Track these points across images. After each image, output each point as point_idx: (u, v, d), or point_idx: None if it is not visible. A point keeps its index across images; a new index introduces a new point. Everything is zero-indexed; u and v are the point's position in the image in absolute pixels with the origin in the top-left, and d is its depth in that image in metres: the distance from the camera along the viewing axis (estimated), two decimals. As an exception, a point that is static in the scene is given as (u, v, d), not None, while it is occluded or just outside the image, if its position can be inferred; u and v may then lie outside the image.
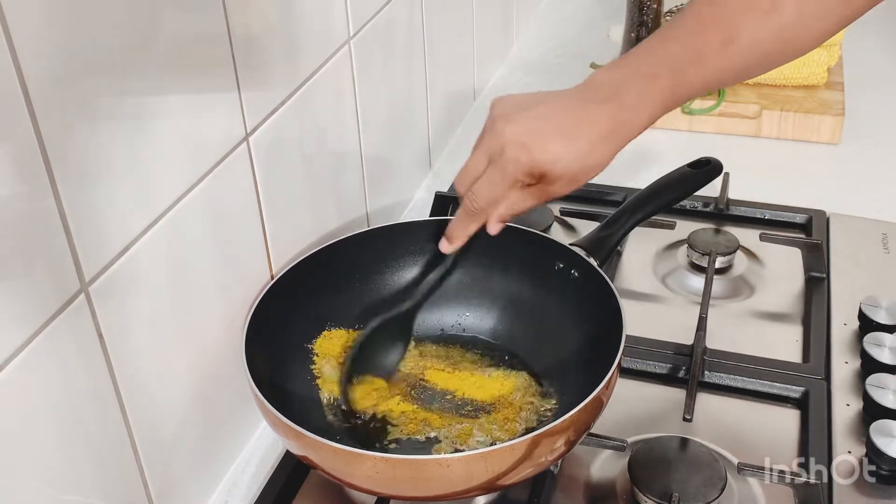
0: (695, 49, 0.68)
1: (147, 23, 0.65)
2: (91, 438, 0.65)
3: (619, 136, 0.69)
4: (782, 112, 1.28)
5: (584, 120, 0.68)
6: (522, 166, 0.69)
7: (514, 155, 0.68)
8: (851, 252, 1.05)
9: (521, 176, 0.69)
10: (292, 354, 0.86)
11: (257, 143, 0.81)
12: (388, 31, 1.06)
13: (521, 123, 0.69)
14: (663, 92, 0.68)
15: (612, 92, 0.68)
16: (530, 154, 0.68)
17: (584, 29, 1.62)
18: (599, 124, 0.68)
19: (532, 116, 0.69)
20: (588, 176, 0.70)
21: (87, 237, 0.61)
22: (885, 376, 0.84)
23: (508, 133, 0.69)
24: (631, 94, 0.68)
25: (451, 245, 0.80)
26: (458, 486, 0.70)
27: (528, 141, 0.68)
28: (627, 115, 0.68)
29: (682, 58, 0.68)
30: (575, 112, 0.69)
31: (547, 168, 0.68)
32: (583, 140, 0.68)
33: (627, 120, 0.68)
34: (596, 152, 0.68)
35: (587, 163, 0.68)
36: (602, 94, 0.68)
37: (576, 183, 0.70)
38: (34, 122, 0.55)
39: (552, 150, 0.68)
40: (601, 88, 0.69)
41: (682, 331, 0.93)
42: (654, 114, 0.69)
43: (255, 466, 0.85)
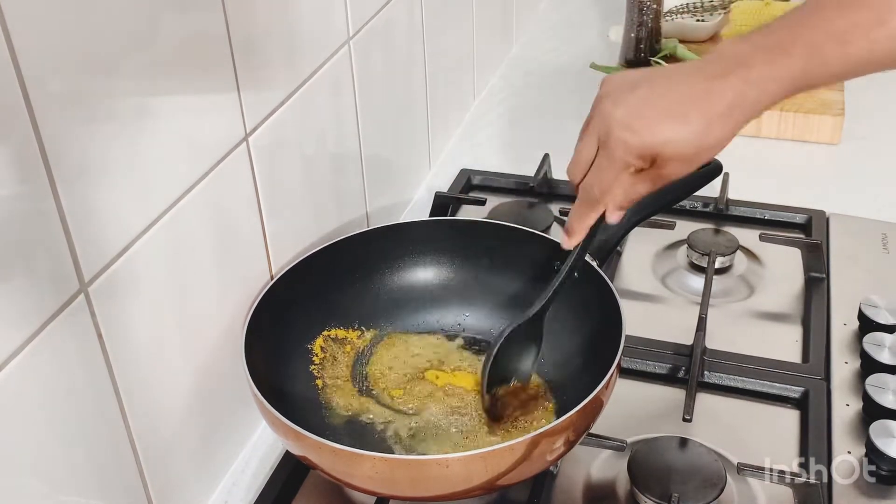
0: (838, 27, 0.61)
1: (147, 23, 0.65)
2: (91, 438, 0.65)
3: (740, 114, 0.63)
4: (782, 112, 1.28)
5: (700, 96, 0.63)
6: (631, 149, 0.64)
7: (621, 138, 0.64)
8: (851, 252, 1.05)
9: (630, 159, 0.65)
10: (292, 354, 0.86)
11: (257, 144, 0.81)
12: (388, 32, 1.06)
13: (629, 103, 0.65)
14: (794, 70, 0.62)
15: (735, 65, 0.63)
16: (639, 136, 0.64)
17: (584, 29, 1.62)
18: (717, 100, 0.63)
19: (641, 95, 0.65)
20: (706, 156, 0.65)
21: (86, 237, 0.61)
22: (885, 376, 0.84)
23: (616, 114, 0.64)
24: (757, 68, 0.62)
25: (572, 239, 0.75)
26: (458, 487, 0.70)
27: (636, 122, 0.64)
28: (751, 90, 0.63)
29: (821, 35, 0.62)
30: (690, 87, 0.64)
31: (658, 150, 0.64)
32: (697, 118, 0.63)
33: (750, 96, 0.63)
34: (713, 131, 0.63)
35: (703, 143, 0.64)
36: (723, 68, 0.63)
37: (692, 164, 0.66)
38: (34, 122, 0.55)
39: (662, 131, 0.63)
40: (723, 61, 0.64)
41: (682, 331, 0.93)
42: (781, 92, 0.63)
43: (255, 466, 0.85)
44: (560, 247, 0.88)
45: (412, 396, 0.84)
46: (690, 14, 1.50)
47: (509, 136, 1.34)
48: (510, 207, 1.13)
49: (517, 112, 1.40)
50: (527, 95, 1.44)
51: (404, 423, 0.82)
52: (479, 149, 1.32)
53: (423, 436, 0.80)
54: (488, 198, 1.14)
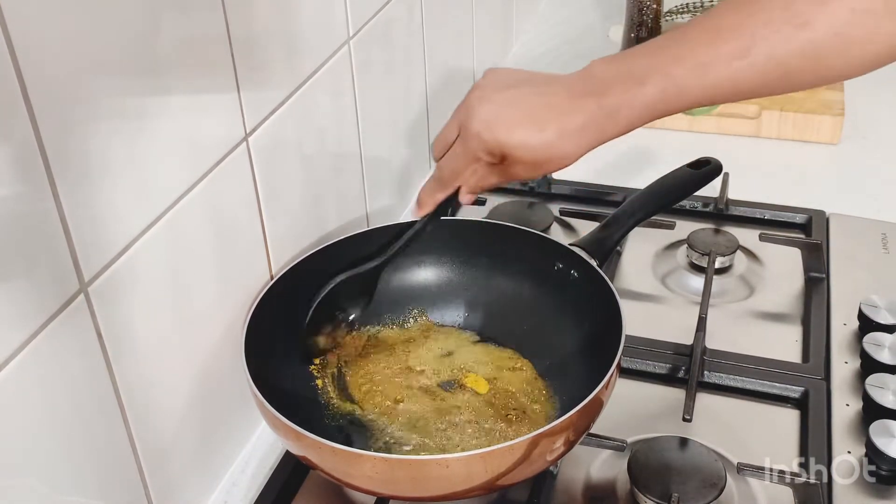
0: (702, 58, 0.64)
1: (147, 23, 0.65)
2: (90, 438, 0.65)
3: (593, 134, 0.67)
4: (782, 112, 1.28)
5: (560, 109, 0.68)
6: (483, 144, 0.70)
7: (477, 132, 0.69)
8: (851, 252, 1.05)
9: (480, 153, 0.70)
10: (292, 354, 0.86)
11: (257, 144, 0.81)
12: (388, 32, 1.06)
13: (493, 102, 0.69)
14: (648, 99, 0.65)
15: (598, 88, 0.67)
16: (493, 134, 0.69)
17: (584, 29, 1.62)
18: (574, 117, 0.67)
19: (507, 97, 0.70)
20: (552, 166, 0.69)
21: (86, 237, 0.61)
22: (885, 376, 0.84)
23: (479, 110, 0.70)
24: (616, 94, 0.66)
25: (421, 210, 0.81)
26: (458, 487, 0.70)
27: (494, 121, 0.69)
28: (606, 113, 0.66)
29: (684, 65, 0.64)
30: (553, 100, 0.68)
31: (508, 151, 0.69)
32: (551, 130, 0.67)
33: (605, 118, 0.67)
34: (564, 144, 0.67)
35: (552, 153, 0.68)
36: (588, 88, 0.67)
37: (539, 170, 0.70)
38: (34, 122, 0.55)
39: (516, 134, 0.68)
40: (589, 81, 0.68)
41: (682, 331, 0.93)
42: (636, 120, 0.67)
43: (254, 466, 0.85)
44: (561, 247, 0.88)
45: (412, 395, 0.84)
46: (690, 14, 1.50)
47: (509, 136, 1.34)
48: (510, 207, 1.13)
49: (517, 112, 1.40)
50: (527, 95, 1.44)
51: (404, 422, 0.82)
52: (479, 149, 1.31)
53: (423, 435, 0.80)
54: (488, 198, 1.14)
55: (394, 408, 0.83)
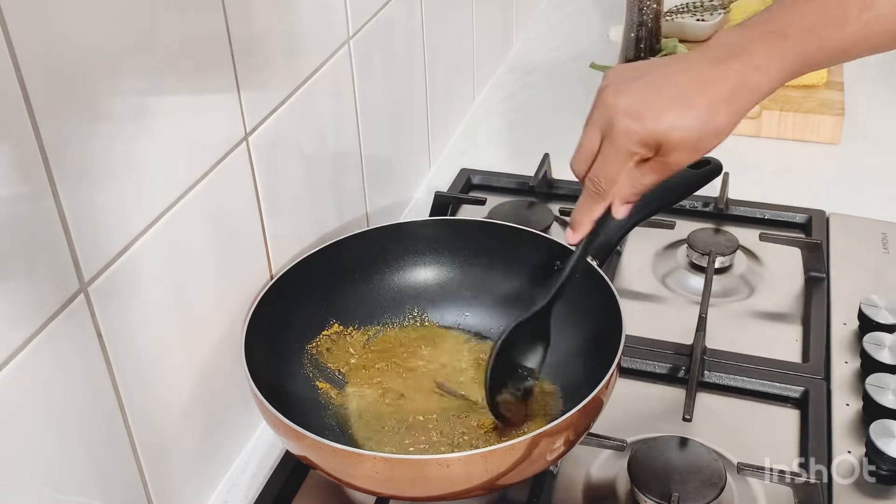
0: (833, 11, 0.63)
1: (147, 23, 0.65)
2: (91, 438, 0.65)
3: (743, 99, 0.64)
4: (782, 112, 1.28)
5: (703, 82, 0.63)
6: (635, 137, 0.64)
7: (624, 126, 0.64)
8: (851, 252, 1.05)
9: (634, 148, 0.65)
10: (292, 354, 0.86)
11: (257, 143, 0.81)
12: (388, 31, 1.06)
13: (631, 92, 0.64)
14: (795, 53, 0.63)
15: (736, 51, 0.63)
16: (642, 123, 0.63)
17: (584, 29, 1.62)
18: (720, 85, 0.63)
19: (644, 84, 0.65)
20: (711, 143, 0.65)
21: (86, 237, 0.61)
22: (885, 376, 0.84)
23: (619, 104, 0.64)
24: (758, 52, 0.63)
25: (577, 233, 0.74)
26: (458, 486, 0.70)
27: (639, 109, 0.64)
28: (753, 75, 0.63)
29: (819, 18, 0.63)
30: (692, 74, 0.64)
31: (662, 137, 0.63)
32: (700, 104, 0.63)
33: (752, 80, 0.63)
34: (717, 116, 0.63)
35: (707, 128, 0.63)
36: (725, 53, 0.64)
37: (698, 151, 0.65)
38: (33, 122, 0.55)
39: (666, 117, 0.63)
40: (724, 47, 0.64)
41: (682, 331, 0.93)
42: (782, 76, 0.64)
43: (254, 466, 0.85)
44: (560, 246, 0.88)
45: (412, 395, 0.84)
46: (690, 14, 1.50)
47: (509, 136, 1.34)
48: (510, 207, 1.13)
49: (517, 112, 1.40)
50: (527, 95, 1.44)
51: (404, 421, 0.82)
52: (479, 149, 1.32)
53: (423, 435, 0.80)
54: (488, 198, 1.14)
55: (394, 407, 0.83)
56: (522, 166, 1.22)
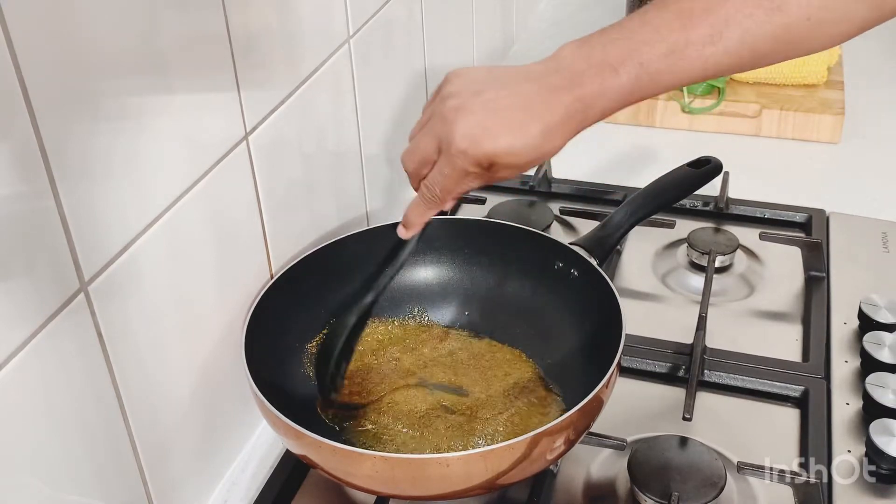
0: (673, 43, 0.64)
1: (147, 22, 0.65)
2: (91, 438, 0.65)
3: (574, 125, 0.67)
4: (782, 111, 1.28)
5: (538, 108, 0.66)
6: (471, 159, 0.68)
7: (463, 149, 0.67)
8: (851, 251, 1.05)
9: (470, 168, 0.69)
10: (292, 354, 0.86)
11: (257, 143, 0.81)
12: (388, 30, 1.06)
13: (472, 112, 0.67)
14: (627, 85, 0.65)
15: (572, 80, 0.66)
16: (480, 147, 0.67)
17: (583, 28, 1.61)
18: (554, 112, 0.66)
19: (483, 105, 0.68)
20: (538, 163, 0.69)
21: (86, 236, 0.61)
22: (885, 375, 0.84)
23: (459, 124, 0.67)
24: (591, 85, 0.66)
25: (409, 231, 0.80)
26: (458, 486, 0.70)
27: (478, 133, 0.67)
28: (583, 105, 0.66)
29: (656, 51, 0.64)
30: (529, 99, 0.67)
31: (495, 158, 0.67)
32: (535, 129, 0.66)
33: (583, 110, 0.66)
34: (548, 141, 0.67)
35: (538, 152, 0.67)
36: (560, 82, 0.67)
37: (523, 169, 0.70)
38: (34, 121, 0.55)
39: (501, 141, 0.67)
40: (562, 73, 0.67)
41: (682, 330, 0.93)
42: (613, 106, 0.67)
43: (254, 466, 0.85)
44: (561, 246, 0.88)
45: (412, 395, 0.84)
46: (690, 13, 1.49)
47: (509, 135, 1.34)
48: (510, 207, 1.13)
49: (517, 111, 1.40)
50: (527, 95, 1.44)
51: (404, 421, 0.82)
52: (479, 148, 1.31)
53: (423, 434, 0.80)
54: (488, 197, 1.14)
55: (394, 407, 0.83)
56: (522, 166, 1.21)
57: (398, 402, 0.84)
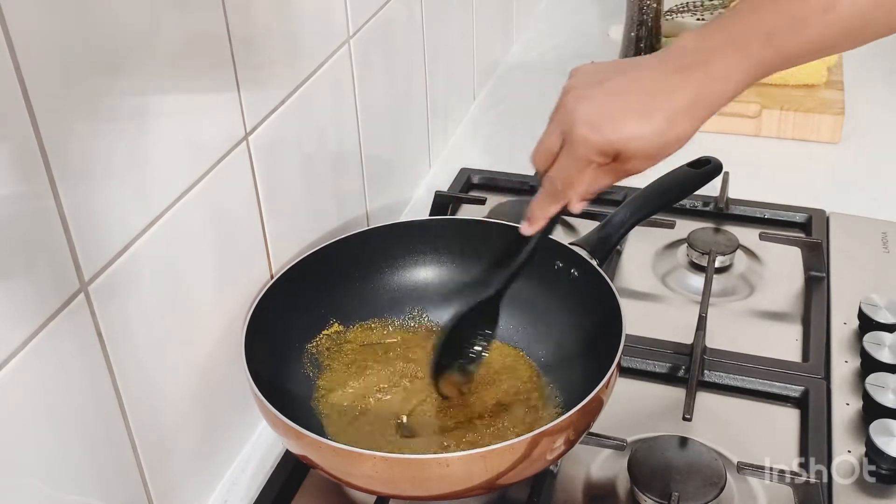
0: (794, 14, 0.62)
1: (147, 23, 0.65)
2: (91, 438, 0.65)
3: (703, 108, 0.64)
4: (782, 111, 1.28)
5: (663, 92, 0.64)
6: (593, 146, 0.65)
7: (584, 135, 0.65)
8: (851, 251, 1.05)
9: (593, 156, 0.66)
10: (292, 354, 0.86)
11: (257, 143, 0.81)
12: (388, 31, 1.06)
13: (592, 100, 0.65)
14: (756, 60, 0.64)
15: (698, 60, 0.64)
16: (601, 134, 0.64)
17: (584, 28, 1.62)
18: (680, 95, 0.64)
19: (605, 92, 0.65)
20: (670, 151, 0.66)
21: (86, 236, 0.61)
22: (885, 375, 0.84)
23: (579, 111, 0.65)
24: (721, 62, 0.63)
25: (532, 227, 0.77)
26: (458, 486, 0.70)
27: (599, 120, 0.65)
28: (714, 85, 0.64)
29: (780, 23, 0.63)
30: (653, 83, 0.65)
31: (621, 147, 0.65)
32: (660, 115, 0.64)
33: (714, 90, 0.64)
34: (675, 126, 0.64)
35: (666, 139, 0.65)
36: (686, 62, 0.64)
37: (656, 160, 0.66)
38: (34, 121, 0.55)
39: (626, 128, 0.64)
40: (685, 56, 0.64)
41: (682, 330, 0.93)
42: (743, 83, 0.65)
43: (254, 466, 0.85)
44: (561, 246, 0.88)
45: (412, 395, 0.84)
46: (690, 13, 1.50)
47: (509, 135, 1.34)
48: (510, 207, 1.13)
49: (517, 111, 1.40)
50: (527, 95, 1.44)
51: (404, 421, 0.82)
52: (479, 148, 1.32)
53: (423, 435, 0.80)
54: (488, 197, 1.14)
55: (394, 407, 0.83)
56: (522, 166, 1.21)
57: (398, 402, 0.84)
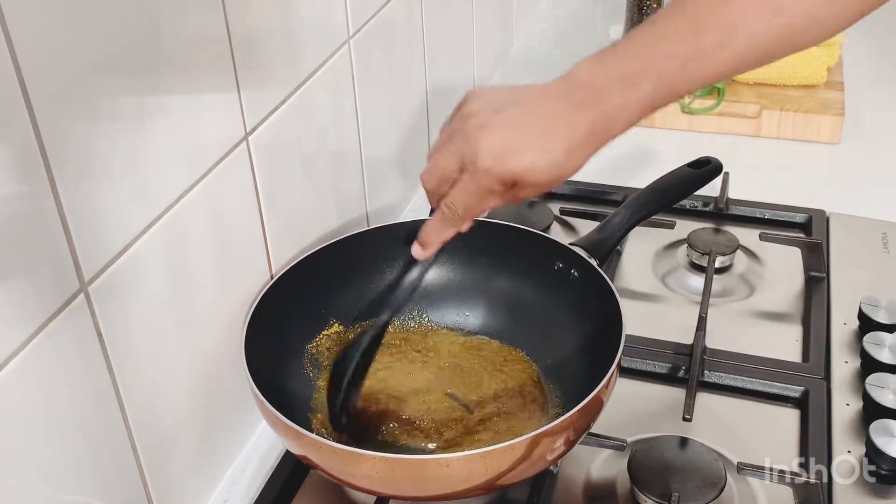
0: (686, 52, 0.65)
1: (147, 22, 0.65)
2: (91, 438, 0.65)
3: (597, 141, 0.67)
4: (782, 112, 1.28)
5: (561, 126, 0.67)
6: (496, 177, 0.67)
7: (487, 166, 0.67)
8: (851, 252, 1.05)
9: (494, 186, 0.68)
10: (292, 354, 0.86)
11: (257, 143, 0.81)
12: (388, 31, 1.06)
13: (495, 131, 0.67)
14: (643, 100, 0.66)
15: (592, 97, 0.66)
16: (504, 165, 0.67)
17: (583, 28, 1.62)
18: (577, 130, 0.66)
19: (507, 120, 0.67)
20: (562, 180, 0.69)
21: (86, 237, 0.61)
22: (885, 376, 0.84)
23: (483, 142, 0.67)
24: (613, 100, 0.66)
25: (426, 251, 0.77)
26: (458, 486, 0.70)
27: (503, 152, 0.67)
28: (607, 120, 0.66)
29: (671, 62, 0.65)
30: (552, 118, 0.67)
31: (519, 177, 0.67)
32: (559, 148, 0.66)
33: (607, 126, 0.66)
34: (572, 159, 0.67)
35: (563, 170, 0.67)
36: (582, 98, 0.67)
37: (548, 187, 0.69)
38: (34, 121, 0.55)
39: (527, 160, 0.66)
40: (581, 91, 0.67)
41: (682, 330, 0.93)
42: (634, 119, 0.67)
43: (254, 466, 0.85)
44: (561, 246, 0.88)
45: (412, 395, 0.84)
46: (690, 14, 1.49)
47: (509, 135, 1.34)
48: (510, 207, 1.12)
49: (517, 112, 1.40)
50: (527, 95, 1.44)
51: (404, 421, 0.82)
52: (479, 148, 1.31)
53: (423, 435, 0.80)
54: (488, 197, 1.13)
55: (394, 407, 0.83)
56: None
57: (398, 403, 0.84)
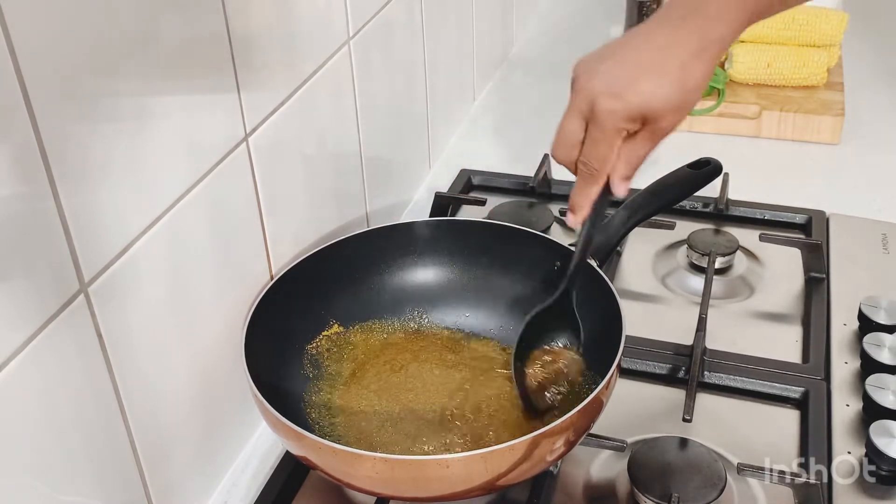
0: None
1: (147, 23, 0.65)
2: (91, 439, 0.65)
3: (711, 50, 0.65)
4: (782, 112, 1.28)
5: (669, 45, 0.65)
6: (620, 114, 0.65)
7: (608, 106, 0.65)
8: (851, 252, 1.05)
9: (621, 124, 0.66)
10: (292, 354, 0.86)
11: (257, 144, 0.81)
12: (388, 32, 1.06)
13: (604, 73, 0.66)
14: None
15: (692, 7, 0.65)
16: (623, 100, 0.65)
17: (584, 29, 1.62)
18: (686, 44, 0.64)
19: (613, 63, 0.66)
20: (691, 101, 0.66)
21: (86, 237, 0.61)
22: (885, 376, 0.84)
23: (595, 86, 0.65)
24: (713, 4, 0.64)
25: (577, 216, 0.74)
26: (458, 487, 0.70)
27: (618, 87, 0.65)
28: (713, 26, 0.64)
29: None
30: (657, 40, 0.65)
31: (645, 108, 0.65)
32: (672, 66, 0.64)
33: (714, 32, 0.65)
34: (691, 74, 0.65)
35: (686, 87, 0.65)
36: (682, 13, 0.65)
37: (681, 112, 0.66)
38: (33, 122, 0.55)
39: (643, 87, 0.64)
40: (678, 7, 0.65)
41: (682, 331, 0.93)
42: (741, 21, 0.65)
43: (254, 466, 0.85)
44: (561, 246, 0.88)
45: (412, 396, 0.84)
46: (690, 14, 1.49)
47: (509, 136, 1.34)
48: (510, 207, 1.13)
49: (517, 112, 1.40)
50: (527, 95, 1.44)
51: (404, 422, 0.82)
52: (479, 149, 1.32)
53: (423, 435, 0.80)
54: (488, 198, 1.14)
55: (394, 408, 0.83)
56: (522, 167, 1.22)
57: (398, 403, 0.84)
